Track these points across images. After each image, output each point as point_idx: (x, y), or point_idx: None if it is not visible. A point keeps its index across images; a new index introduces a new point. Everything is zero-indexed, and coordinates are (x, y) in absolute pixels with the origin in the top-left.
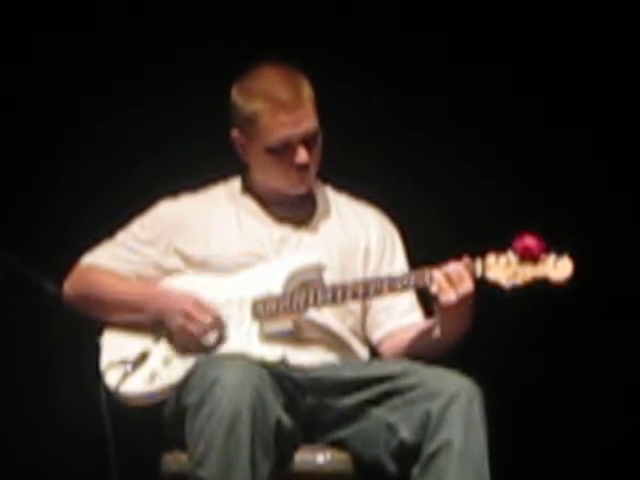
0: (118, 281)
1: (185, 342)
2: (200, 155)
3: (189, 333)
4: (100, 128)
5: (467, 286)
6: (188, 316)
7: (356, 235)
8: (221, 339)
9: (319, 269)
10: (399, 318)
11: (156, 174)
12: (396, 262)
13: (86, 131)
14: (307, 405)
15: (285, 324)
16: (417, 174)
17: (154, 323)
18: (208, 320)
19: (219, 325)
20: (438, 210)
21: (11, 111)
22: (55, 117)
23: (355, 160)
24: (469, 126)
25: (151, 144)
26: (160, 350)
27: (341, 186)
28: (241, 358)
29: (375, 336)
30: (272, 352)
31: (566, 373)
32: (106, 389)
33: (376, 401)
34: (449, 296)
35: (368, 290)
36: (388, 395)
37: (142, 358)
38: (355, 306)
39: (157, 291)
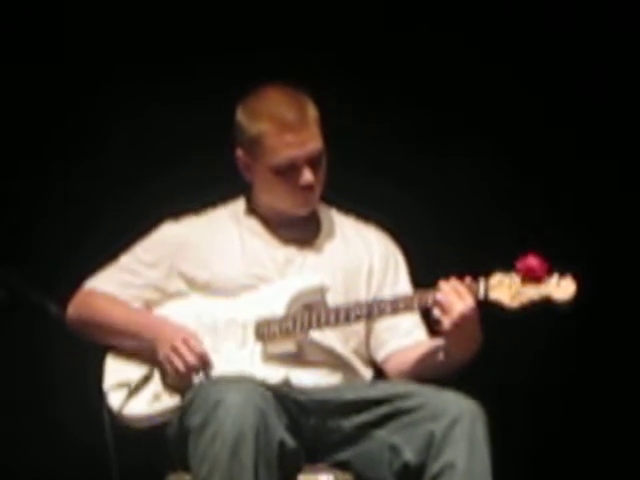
0: (117, 308)
1: (171, 376)
2: (205, 176)
3: (173, 367)
4: (105, 147)
5: (468, 304)
6: (175, 351)
7: (359, 256)
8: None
9: (322, 291)
10: (403, 337)
11: (161, 195)
12: (399, 283)
13: (91, 150)
14: (310, 426)
15: (288, 346)
16: (421, 193)
17: (152, 352)
18: (192, 361)
19: (204, 366)
20: (441, 229)
21: (14, 127)
22: (59, 135)
23: (358, 180)
24: (474, 144)
25: (156, 165)
26: (163, 372)
27: (344, 207)
28: (244, 379)
29: (379, 356)
30: (275, 373)
31: (574, 390)
32: (109, 410)
33: (379, 422)
34: (452, 315)
35: (371, 311)
36: (391, 416)
37: (145, 380)
38: (358, 327)
39: (153, 321)
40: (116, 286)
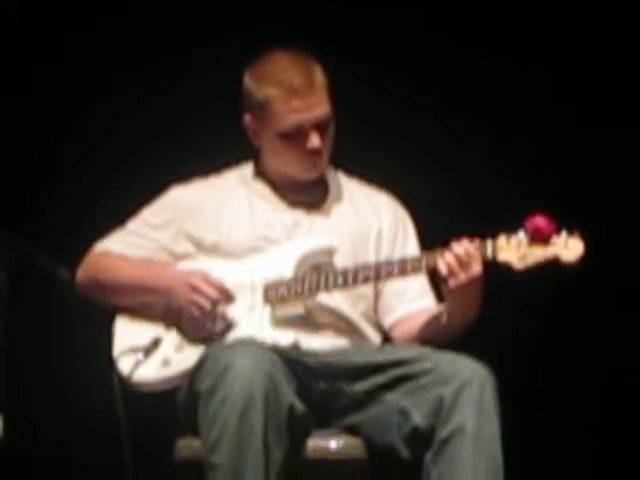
0: (128, 264)
1: (192, 328)
2: (212, 141)
3: (198, 306)
4: (114, 116)
5: (476, 267)
6: (195, 289)
7: (368, 220)
8: (229, 327)
9: (330, 252)
10: (411, 303)
11: (169, 161)
12: (408, 247)
13: (100, 120)
14: (320, 390)
15: (297, 308)
16: (427, 158)
17: (166, 309)
18: (215, 294)
19: (227, 298)
20: (448, 193)
21: (28, 98)
22: (70, 106)
23: (365, 145)
24: (480, 109)
25: (164, 131)
26: (172, 337)
27: (353, 171)
28: (253, 343)
29: (387, 321)
30: (284, 337)
31: (573, 357)
32: (119, 376)
33: (389, 386)
34: (459, 277)
35: (379, 273)
36: (401, 380)
37: (154, 345)
38: (367, 291)
39: (165, 269)
40: (124, 247)
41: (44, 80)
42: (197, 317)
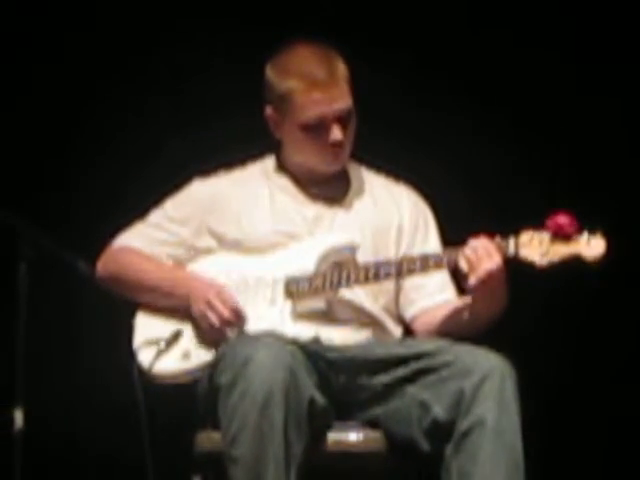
0: (149, 264)
1: (205, 331)
2: (234, 134)
3: (208, 322)
4: (136, 109)
5: (495, 262)
6: (209, 305)
7: (389, 214)
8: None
9: (352, 249)
10: (432, 296)
11: (191, 154)
12: (429, 241)
13: (122, 112)
14: (340, 384)
15: (318, 303)
16: (449, 155)
17: (186, 308)
18: (227, 314)
19: (238, 320)
20: (471, 190)
21: (50, 89)
22: (91, 98)
23: (387, 141)
24: (502, 107)
25: (186, 124)
26: (193, 330)
27: (375, 165)
28: (274, 337)
29: (408, 314)
30: (305, 331)
31: (594, 350)
32: (139, 368)
33: (409, 379)
34: (478, 272)
35: (401, 269)
36: (421, 373)
37: (175, 337)
38: (388, 285)
39: (186, 276)
40: (146, 243)
41: (69, 68)
42: (206, 330)
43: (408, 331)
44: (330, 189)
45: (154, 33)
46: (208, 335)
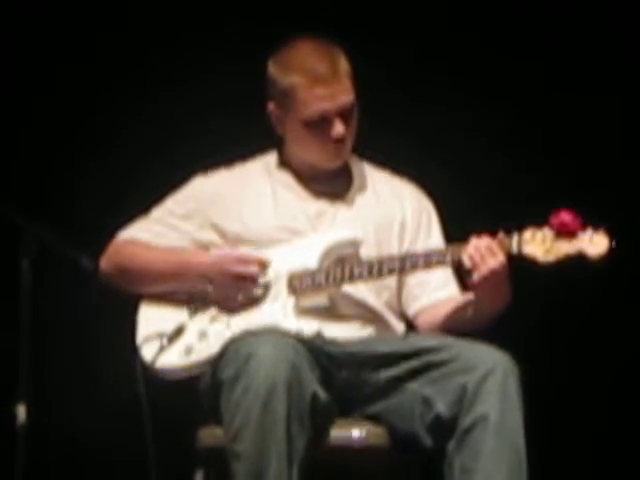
0: (154, 251)
1: (229, 299)
2: (236, 130)
3: (248, 294)
4: (140, 107)
5: (499, 261)
6: (239, 279)
7: (392, 210)
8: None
9: (355, 244)
10: (434, 292)
11: (195, 151)
12: (432, 238)
13: (127, 110)
14: (343, 379)
15: (321, 299)
16: (450, 151)
17: (189, 296)
18: (257, 271)
19: (265, 266)
20: (474, 188)
21: (53, 89)
22: (95, 96)
23: (388, 138)
24: (503, 102)
25: (189, 121)
26: (195, 324)
27: (377, 161)
28: (276, 332)
29: (411, 310)
30: (308, 327)
31: (597, 346)
32: (142, 363)
33: (412, 375)
34: (481, 270)
35: (404, 265)
36: (424, 369)
37: (178, 332)
38: (391, 280)
39: (193, 258)
40: (149, 236)
41: (74, 67)
42: (244, 287)
43: (411, 327)
44: (332, 185)
45: (154, 33)
46: (232, 303)
